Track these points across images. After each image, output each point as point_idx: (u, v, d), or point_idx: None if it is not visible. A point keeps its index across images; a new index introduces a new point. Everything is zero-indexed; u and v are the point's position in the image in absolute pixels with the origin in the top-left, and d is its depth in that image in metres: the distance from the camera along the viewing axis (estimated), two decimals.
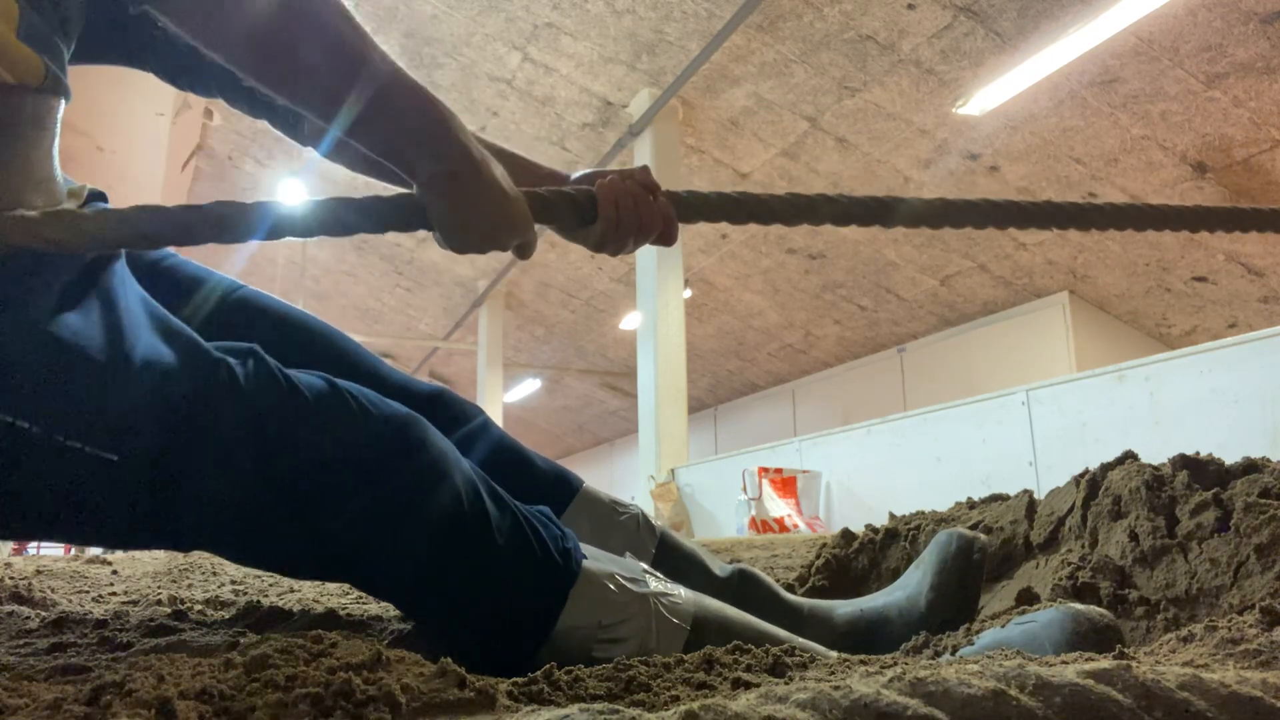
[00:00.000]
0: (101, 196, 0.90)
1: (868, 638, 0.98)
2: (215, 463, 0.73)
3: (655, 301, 6.13)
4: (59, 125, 0.76)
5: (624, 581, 0.82)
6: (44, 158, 0.74)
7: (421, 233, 0.80)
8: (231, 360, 0.76)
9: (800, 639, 0.87)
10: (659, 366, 6.03)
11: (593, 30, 5.88)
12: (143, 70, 1.01)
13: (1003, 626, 0.81)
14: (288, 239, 0.79)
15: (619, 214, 0.86)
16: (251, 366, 0.77)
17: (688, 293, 8.63)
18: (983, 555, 1.00)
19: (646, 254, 6.29)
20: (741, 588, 1.04)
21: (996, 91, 5.51)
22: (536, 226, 0.83)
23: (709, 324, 9.86)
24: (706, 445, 12.07)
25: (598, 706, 0.48)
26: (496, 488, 0.83)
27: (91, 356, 0.70)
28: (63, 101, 0.74)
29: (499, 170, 0.79)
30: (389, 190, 0.83)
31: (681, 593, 0.85)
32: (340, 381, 0.81)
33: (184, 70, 1.00)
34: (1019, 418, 3.64)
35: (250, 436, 0.73)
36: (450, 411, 1.08)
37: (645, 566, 0.87)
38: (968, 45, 5.26)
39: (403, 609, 0.90)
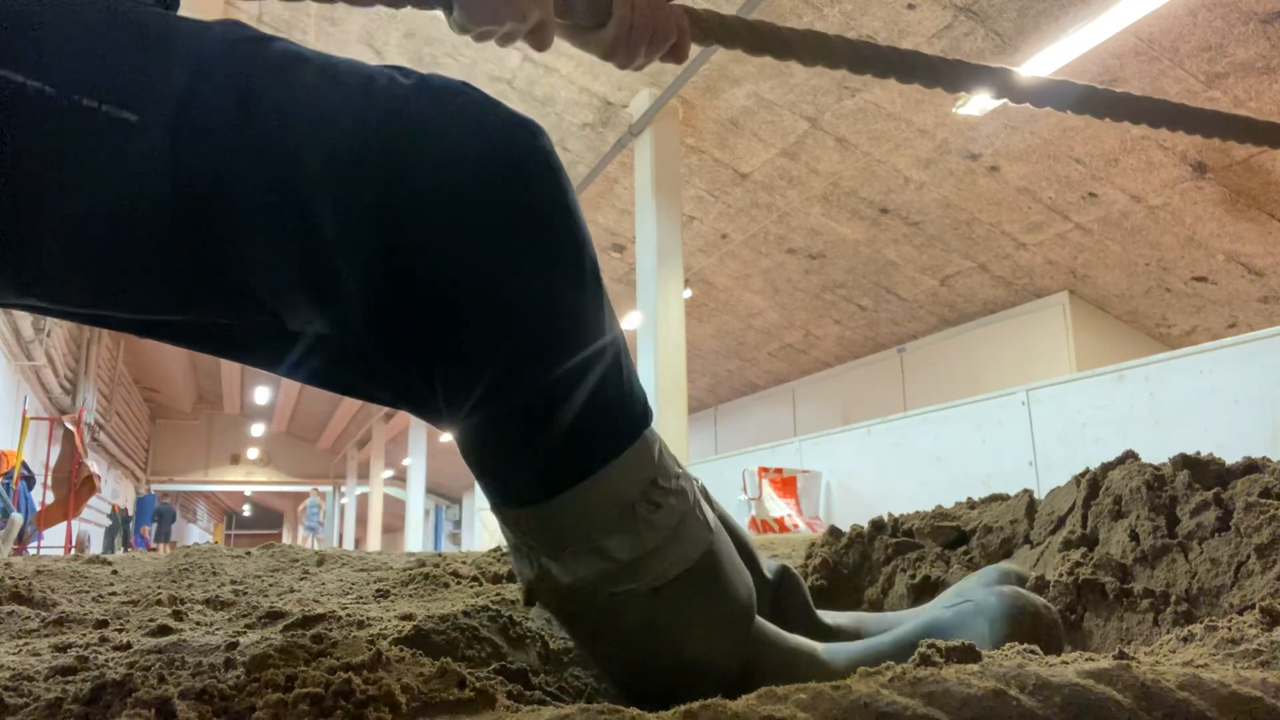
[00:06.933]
0: None
1: None
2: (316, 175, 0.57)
3: (655, 301, 6.13)
4: None
5: (675, 464, 0.74)
6: None
7: None
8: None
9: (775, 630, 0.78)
10: (659, 366, 6.03)
11: None
12: None
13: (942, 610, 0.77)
14: None
15: (634, 15, 0.85)
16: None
17: (688, 293, 8.63)
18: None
19: (646, 254, 6.29)
20: (779, 587, 0.94)
21: None
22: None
23: (709, 324, 9.86)
24: (706, 445, 12.08)
25: (597, 706, 0.48)
26: None
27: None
28: None
29: None
30: None
31: (711, 513, 0.75)
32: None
33: None
34: (1019, 418, 3.64)
35: (371, 140, 0.58)
36: None
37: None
38: (968, 45, 5.25)
39: (478, 378, 0.64)
